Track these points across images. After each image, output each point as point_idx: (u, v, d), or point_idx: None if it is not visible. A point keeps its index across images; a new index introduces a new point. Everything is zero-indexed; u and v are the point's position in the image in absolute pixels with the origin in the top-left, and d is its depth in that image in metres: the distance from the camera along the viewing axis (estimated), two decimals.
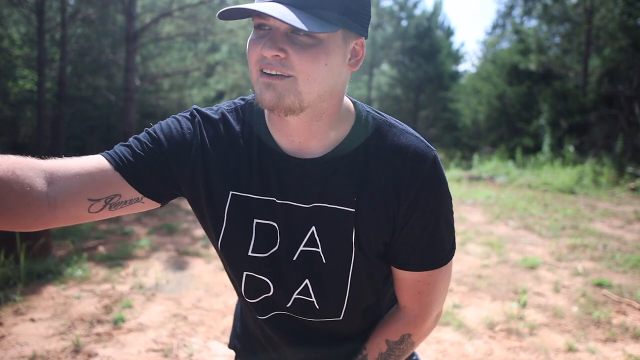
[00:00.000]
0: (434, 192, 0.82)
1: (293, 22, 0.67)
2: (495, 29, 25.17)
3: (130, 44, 10.16)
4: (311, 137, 0.82)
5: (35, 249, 4.30)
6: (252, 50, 0.75)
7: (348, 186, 0.82)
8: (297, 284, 0.87)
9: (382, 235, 0.84)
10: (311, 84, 0.73)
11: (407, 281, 0.90)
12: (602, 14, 13.78)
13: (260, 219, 0.85)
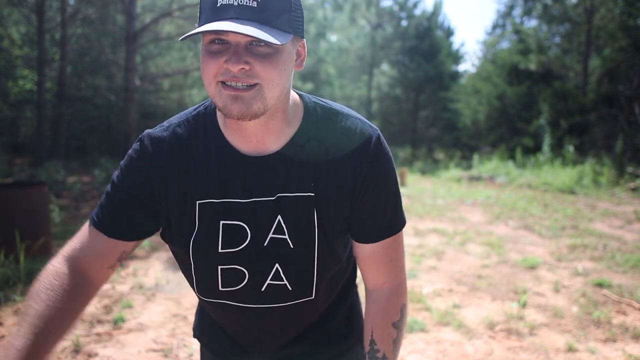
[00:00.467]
0: (383, 165, 0.92)
1: (265, 37, 0.73)
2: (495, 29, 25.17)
3: (130, 44, 10.16)
4: (267, 135, 0.89)
5: (35, 249, 4.30)
6: (211, 64, 0.78)
7: (306, 173, 0.90)
8: (269, 269, 0.93)
9: (342, 211, 0.92)
10: (274, 88, 0.80)
11: (378, 254, 0.97)
12: (602, 14, 13.78)
13: (226, 220, 0.90)
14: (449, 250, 5.38)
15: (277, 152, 0.89)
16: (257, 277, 0.93)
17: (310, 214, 0.90)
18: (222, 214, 0.90)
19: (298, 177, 0.90)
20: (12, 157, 12.69)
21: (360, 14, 19.74)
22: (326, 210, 0.91)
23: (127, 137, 10.31)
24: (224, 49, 0.78)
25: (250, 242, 0.91)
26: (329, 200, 0.91)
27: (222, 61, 0.77)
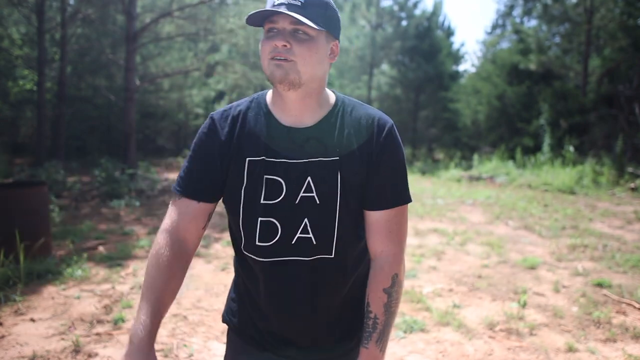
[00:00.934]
0: (393, 146, 1.16)
1: (302, 19, 1.02)
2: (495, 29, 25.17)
3: (130, 44, 10.16)
4: (304, 112, 1.14)
5: (35, 249, 4.30)
6: (266, 45, 1.07)
7: (333, 144, 1.13)
8: (299, 223, 1.12)
9: (359, 175, 1.13)
10: (306, 66, 1.06)
11: (380, 223, 1.15)
12: (602, 14, 13.77)
13: (268, 175, 1.12)
14: (449, 250, 5.38)
15: (311, 126, 1.14)
16: (289, 231, 1.12)
17: (334, 175, 1.11)
18: (265, 169, 1.12)
19: (326, 146, 1.13)
20: (12, 157, 12.69)
21: (360, 14, 19.75)
22: (347, 172, 1.12)
23: (127, 137, 10.31)
24: (275, 34, 1.06)
25: (285, 197, 1.12)
26: (350, 164, 1.12)
27: (273, 42, 1.05)
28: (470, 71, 25.86)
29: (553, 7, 14.54)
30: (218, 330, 3.23)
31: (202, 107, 20.46)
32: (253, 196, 1.13)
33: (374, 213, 1.15)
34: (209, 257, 4.89)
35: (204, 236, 5.77)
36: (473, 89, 19.62)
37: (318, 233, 1.12)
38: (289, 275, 1.15)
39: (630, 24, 12.83)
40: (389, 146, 1.15)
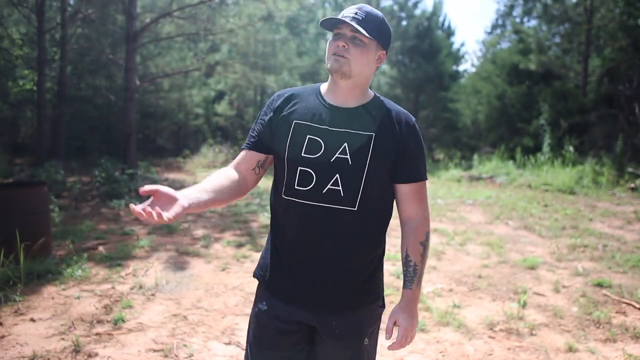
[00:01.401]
0: (416, 134, 1.49)
1: (358, 27, 1.36)
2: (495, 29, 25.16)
3: (130, 44, 10.16)
4: (349, 97, 1.47)
5: (35, 249, 4.30)
6: (331, 44, 1.42)
7: (369, 123, 1.45)
8: (331, 177, 1.40)
9: (388, 152, 1.43)
10: (356, 64, 1.40)
11: (411, 193, 1.48)
12: (602, 14, 13.77)
13: (311, 135, 1.43)
14: (449, 250, 5.38)
15: (354, 107, 1.47)
16: (321, 181, 1.40)
17: (368, 145, 1.41)
18: (308, 131, 1.44)
19: (364, 123, 1.44)
20: (12, 157, 12.69)
21: None
22: (379, 146, 1.42)
23: (127, 137, 10.31)
24: (339, 37, 1.41)
25: (322, 154, 1.41)
26: (381, 141, 1.42)
27: (336, 42, 1.40)
28: (470, 71, 25.85)
29: (553, 7, 14.53)
30: (218, 330, 3.23)
31: (202, 107, 20.45)
32: (295, 150, 1.43)
33: (405, 185, 1.47)
34: (209, 257, 4.88)
35: (204, 236, 5.77)
36: (473, 89, 19.61)
37: (346, 187, 1.40)
38: (321, 221, 1.41)
39: (630, 24, 12.82)
40: (413, 135, 1.47)
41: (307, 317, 1.47)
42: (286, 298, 1.48)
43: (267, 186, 10.97)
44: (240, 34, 12.20)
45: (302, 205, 1.42)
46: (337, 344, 1.49)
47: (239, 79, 14.88)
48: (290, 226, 1.46)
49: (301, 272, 1.45)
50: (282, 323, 1.48)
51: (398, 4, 19.94)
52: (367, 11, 1.41)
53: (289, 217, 1.46)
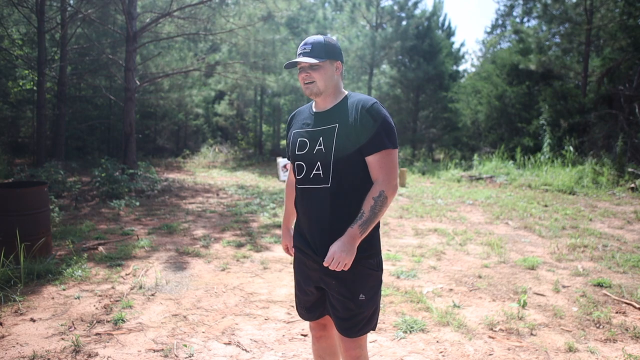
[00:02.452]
0: (375, 112, 1.82)
1: (309, 61, 1.86)
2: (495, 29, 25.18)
3: (130, 44, 10.15)
4: (325, 103, 1.95)
5: (35, 249, 4.30)
6: (299, 76, 1.93)
7: (336, 117, 1.89)
8: (314, 164, 1.88)
9: (350, 135, 1.82)
10: (321, 82, 1.89)
11: (373, 163, 1.82)
12: (602, 14, 13.76)
13: (300, 138, 1.96)
14: (449, 250, 5.38)
15: (327, 110, 1.93)
16: (309, 170, 1.91)
17: (333, 134, 1.85)
18: (299, 135, 1.97)
19: (332, 119, 1.88)
20: (12, 157, 12.69)
21: (360, 14, 19.74)
22: (341, 132, 1.84)
23: (127, 137, 10.30)
24: (302, 70, 1.91)
25: (307, 150, 1.91)
26: (343, 129, 1.84)
27: (302, 75, 1.91)
28: (470, 71, 25.85)
29: (553, 7, 14.52)
30: (218, 330, 3.23)
31: (202, 107, 20.44)
32: (294, 150, 1.99)
33: (370, 157, 1.82)
34: (209, 257, 4.88)
35: (204, 236, 5.77)
36: (473, 89, 19.60)
37: (323, 170, 1.86)
38: (310, 197, 1.91)
39: (630, 24, 12.82)
40: (371, 115, 1.81)
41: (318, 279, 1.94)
42: (307, 258, 1.98)
43: (266, 186, 10.97)
44: (240, 34, 12.20)
45: (301, 189, 1.97)
46: (336, 299, 1.90)
47: (239, 79, 14.87)
48: (299, 206, 2.01)
49: (308, 232, 1.95)
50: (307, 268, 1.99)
51: (398, 4, 19.93)
52: (311, 42, 1.88)
53: (298, 199, 2.01)
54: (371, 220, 1.79)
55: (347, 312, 1.88)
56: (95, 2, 11.01)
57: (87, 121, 15.18)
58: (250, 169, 15.68)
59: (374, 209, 1.79)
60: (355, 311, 1.88)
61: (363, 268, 1.87)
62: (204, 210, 7.65)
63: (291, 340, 3.13)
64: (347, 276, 1.86)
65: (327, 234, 1.87)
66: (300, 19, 20.06)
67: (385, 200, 1.80)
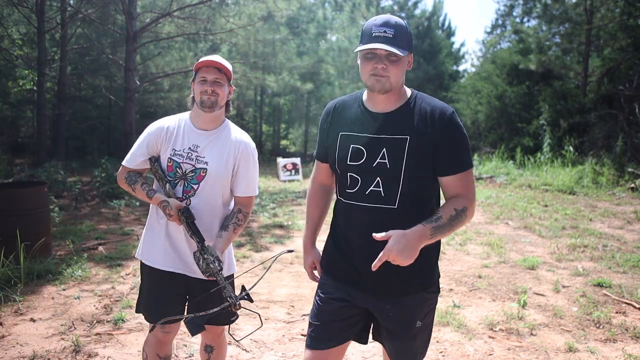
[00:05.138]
0: (454, 126, 1.55)
1: (395, 51, 1.49)
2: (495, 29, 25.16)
3: (130, 44, 10.15)
4: (388, 103, 1.61)
5: (35, 249, 4.30)
6: (367, 64, 1.55)
7: (404, 125, 1.57)
8: (373, 180, 1.58)
9: (425, 150, 1.53)
10: (396, 78, 1.55)
11: (452, 183, 1.57)
12: (602, 14, 13.75)
13: (354, 145, 1.62)
14: (449, 250, 5.38)
15: (390, 112, 1.60)
16: (365, 184, 1.59)
17: (403, 148, 1.54)
18: (352, 141, 1.63)
19: (399, 128, 1.57)
20: (12, 157, 12.68)
21: (360, 14, 19.73)
22: (414, 147, 1.53)
23: (127, 137, 10.30)
24: (373, 57, 1.53)
25: (365, 161, 1.59)
26: (416, 142, 1.53)
27: (372, 63, 1.53)
28: (470, 71, 25.84)
29: (553, 7, 14.51)
30: None
31: None
32: (343, 158, 1.63)
33: (446, 178, 1.57)
34: None
35: None
36: (473, 89, 19.58)
37: (386, 188, 1.57)
38: (368, 216, 1.58)
39: (630, 24, 12.81)
40: (449, 129, 1.54)
41: (363, 301, 1.66)
42: (347, 282, 1.68)
43: (266, 186, 10.97)
44: (240, 34, 12.20)
45: (349, 205, 1.64)
46: (390, 326, 1.66)
47: (239, 79, 14.87)
48: (345, 224, 1.69)
49: (356, 261, 1.64)
50: (341, 302, 1.69)
51: (398, 4, 19.93)
52: (394, 25, 1.52)
53: (343, 215, 1.70)
54: (445, 229, 1.50)
55: (400, 342, 1.67)
56: (95, 2, 11.01)
57: (87, 121, 15.18)
58: None
59: (453, 220, 1.51)
60: (409, 343, 1.67)
61: (421, 296, 1.65)
62: None
63: (291, 340, 3.13)
64: (404, 301, 1.63)
65: (389, 272, 1.56)
66: (300, 19, 20.06)
67: (465, 218, 1.54)
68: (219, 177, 1.96)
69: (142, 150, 2.00)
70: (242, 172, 2.02)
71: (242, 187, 2.03)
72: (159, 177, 1.98)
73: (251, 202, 2.10)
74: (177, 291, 2.02)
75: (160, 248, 1.99)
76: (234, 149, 2.00)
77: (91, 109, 15.83)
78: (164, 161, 1.98)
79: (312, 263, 1.88)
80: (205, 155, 1.96)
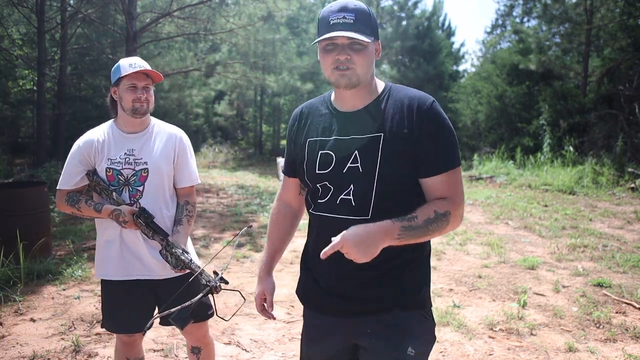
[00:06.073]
0: (435, 118, 1.32)
1: (356, 37, 1.28)
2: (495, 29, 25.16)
3: (130, 44, 10.15)
4: (357, 99, 1.39)
5: (35, 249, 4.30)
6: (327, 57, 1.33)
7: (376, 122, 1.35)
8: (343, 187, 1.35)
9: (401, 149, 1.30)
10: (363, 69, 1.33)
11: (437, 184, 1.32)
12: (602, 14, 13.75)
13: (322, 150, 1.40)
14: (449, 250, 5.38)
15: (360, 109, 1.39)
16: (336, 193, 1.37)
17: (377, 147, 1.32)
18: (319, 146, 1.41)
19: (371, 125, 1.35)
20: (12, 157, 12.68)
21: None
22: (389, 146, 1.32)
23: None
24: (334, 48, 1.32)
25: (334, 167, 1.37)
26: (392, 140, 1.32)
27: (335, 55, 1.31)
28: (470, 71, 25.85)
29: (553, 7, 14.51)
30: (218, 330, 3.23)
31: (202, 107, 20.43)
32: (311, 168, 1.42)
33: (429, 179, 1.33)
34: (209, 257, 4.88)
35: (204, 236, 5.77)
36: (473, 89, 19.59)
37: (357, 196, 1.34)
38: (332, 230, 1.29)
39: (630, 24, 12.81)
40: (430, 122, 1.31)
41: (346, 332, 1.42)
42: (319, 308, 1.46)
43: (266, 186, 10.97)
44: (240, 34, 12.20)
45: (320, 217, 1.41)
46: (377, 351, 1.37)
47: (239, 78, 14.87)
48: (313, 239, 1.47)
49: (325, 283, 1.43)
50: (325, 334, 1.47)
51: (398, 4, 19.95)
52: (353, 9, 1.31)
53: (314, 230, 1.48)
54: (418, 232, 1.26)
55: None
56: (95, 2, 11.01)
57: (87, 121, 15.15)
58: (250, 169, 15.67)
59: (430, 223, 1.27)
60: None
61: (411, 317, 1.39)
62: (203, 210, 7.65)
63: (291, 340, 3.13)
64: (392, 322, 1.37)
65: (358, 282, 1.36)
66: (300, 19, 20.06)
67: (446, 224, 1.29)
68: (161, 173, 1.98)
69: (77, 168, 1.98)
70: (182, 163, 2.05)
71: (185, 177, 2.06)
72: (102, 188, 1.95)
73: (194, 191, 2.13)
74: (143, 299, 2.00)
75: (116, 259, 1.96)
76: (170, 143, 2.02)
77: (91, 109, 15.82)
78: (102, 172, 1.96)
79: (262, 293, 1.58)
80: (142, 156, 1.97)
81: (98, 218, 1.98)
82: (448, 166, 1.32)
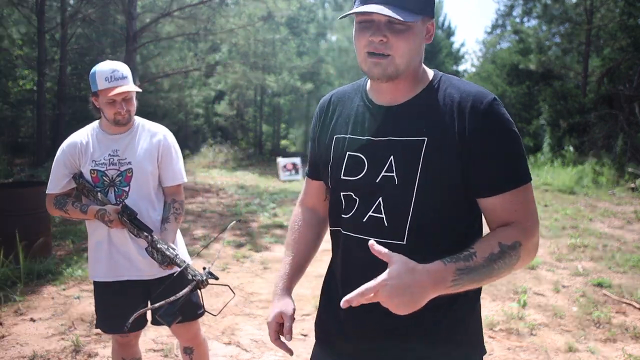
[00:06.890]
0: (496, 121, 1.02)
1: (395, 16, 0.96)
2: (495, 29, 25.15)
3: (130, 44, 10.15)
4: (398, 92, 1.10)
5: (35, 249, 4.30)
6: (361, 37, 1.03)
7: (421, 122, 1.06)
8: (373, 201, 1.08)
9: (450, 158, 1.02)
10: (404, 57, 1.02)
11: (497, 209, 1.03)
12: (602, 14, 13.75)
13: (350, 152, 1.13)
14: None
15: (401, 104, 1.10)
16: (363, 208, 1.09)
17: (418, 155, 1.03)
18: (347, 146, 1.14)
19: (413, 126, 1.06)
20: (12, 157, 12.68)
21: None
22: (434, 154, 1.03)
23: None
24: (370, 25, 1.01)
25: (365, 174, 1.09)
26: (438, 146, 1.03)
27: (368, 35, 1.01)
28: (470, 71, 25.85)
29: (553, 7, 14.52)
30: (218, 330, 3.23)
31: (202, 107, 20.44)
32: (336, 172, 1.16)
33: (487, 200, 1.03)
34: (209, 257, 4.88)
35: (204, 236, 5.77)
36: None
37: (390, 215, 1.05)
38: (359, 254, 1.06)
39: (630, 24, 12.81)
40: (488, 126, 1.01)
41: None
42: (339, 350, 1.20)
43: (266, 186, 10.97)
44: (240, 34, 12.20)
45: (344, 237, 1.13)
46: None
47: (239, 79, 14.88)
48: (337, 264, 1.18)
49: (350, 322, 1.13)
50: None
51: None
52: None
53: (335, 252, 1.20)
54: (480, 274, 0.96)
55: None
56: (95, 2, 11.01)
57: (87, 121, 15.05)
58: (250, 169, 15.67)
59: (494, 261, 0.96)
60: None
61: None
62: (203, 210, 7.65)
63: (292, 340, 3.13)
64: None
65: (390, 319, 0.97)
66: (300, 19, 20.05)
67: (516, 259, 0.98)
68: (146, 172, 1.97)
69: (63, 171, 2.01)
70: (167, 162, 2.03)
71: (170, 176, 2.04)
72: (88, 190, 1.97)
73: (181, 189, 2.11)
74: (135, 299, 1.99)
75: (106, 260, 1.97)
76: (153, 142, 2.01)
77: (91, 109, 15.82)
78: (87, 174, 1.97)
79: (278, 317, 1.25)
80: (126, 156, 1.96)
81: (86, 219, 1.98)
82: (514, 182, 1.01)
